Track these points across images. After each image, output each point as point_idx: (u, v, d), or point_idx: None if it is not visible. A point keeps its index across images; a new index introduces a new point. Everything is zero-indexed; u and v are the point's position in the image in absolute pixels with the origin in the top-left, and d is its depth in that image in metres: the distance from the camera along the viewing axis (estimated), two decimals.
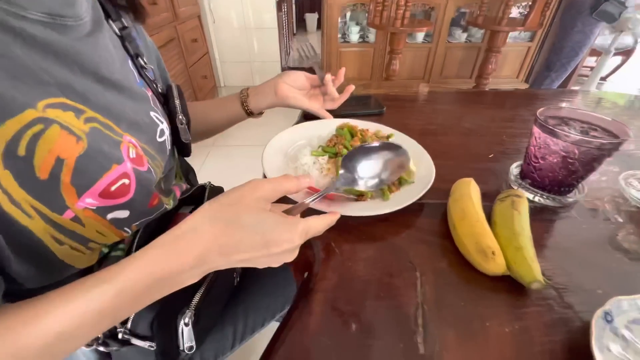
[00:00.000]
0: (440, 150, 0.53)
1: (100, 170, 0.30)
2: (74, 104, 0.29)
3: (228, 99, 0.59)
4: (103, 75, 0.33)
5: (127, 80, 0.37)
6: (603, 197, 0.46)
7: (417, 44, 2.61)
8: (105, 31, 0.36)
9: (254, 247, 0.26)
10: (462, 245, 0.34)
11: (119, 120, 0.33)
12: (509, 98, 0.82)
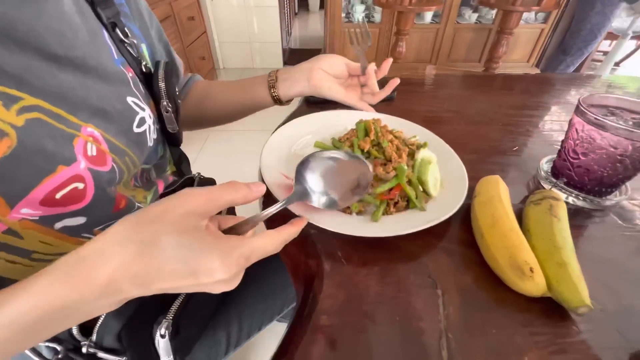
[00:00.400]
0: (458, 141, 0.47)
1: (38, 175, 0.24)
2: (3, 90, 0.22)
3: (253, 82, 0.51)
4: (55, 52, 0.26)
5: (97, 57, 0.31)
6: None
7: (425, 24, 2.49)
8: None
9: (177, 277, 0.20)
10: (492, 258, 0.29)
11: (76, 108, 0.27)
12: (527, 83, 0.75)
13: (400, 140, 0.38)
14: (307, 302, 0.28)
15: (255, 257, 0.22)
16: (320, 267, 0.30)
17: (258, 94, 0.50)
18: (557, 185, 0.39)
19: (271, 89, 0.49)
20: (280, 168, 0.38)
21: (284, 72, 0.50)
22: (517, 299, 0.28)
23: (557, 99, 0.66)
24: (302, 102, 0.59)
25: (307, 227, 0.33)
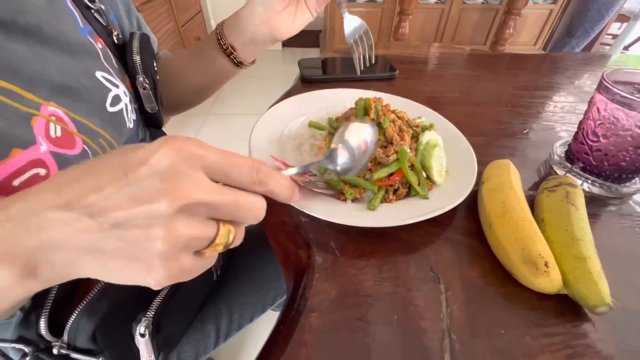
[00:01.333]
0: (466, 123, 0.43)
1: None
2: None
3: (208, 55, 0.42)
4: (5, 19, 0.22)
5: (56, 25, 0.27)
6: None
7: (430, 4, 2.39)
8: None
9: (108, 178, 0.15)
10: (501, 250, 0.26)
11: (32, 84, 0.24)
12: (537, 62, 0.71)
13: (403, 121, 0.35)
14: (296, 299, 0.25)
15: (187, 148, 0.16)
16: (311, 259, 0.27)
17: (217, 65, 0.42)
18: (572, 170, 0.35)
19: (233, 59, 0.41)
20: (272, 151, 0.35)
21: (239, 37, 0.39)
22: (528, 296, 0.25)
23: (571, 79, 0.62)
24: (297, 81, 0.55)
25: (297, 213, 0.31)
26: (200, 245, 0.16)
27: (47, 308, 0.26)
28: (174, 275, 0.16)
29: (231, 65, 0.42)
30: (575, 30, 1.94)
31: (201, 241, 0.16)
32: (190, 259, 0.16)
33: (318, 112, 0.41)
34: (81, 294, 0.28)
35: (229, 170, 0.17)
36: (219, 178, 0.17)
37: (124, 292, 0.29)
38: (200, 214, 0.16)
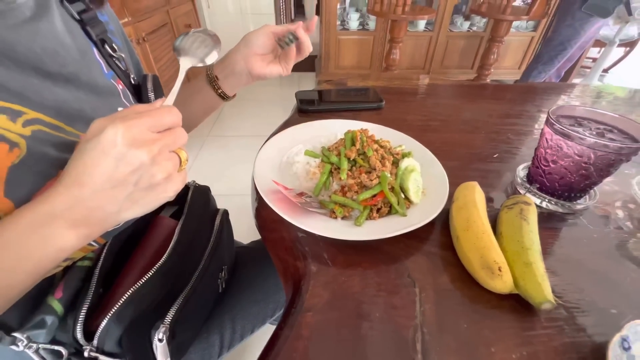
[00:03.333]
0: (443, 149, 0.50)
1: (42, 178, 0.26)
2: (8, 105, 0.25)
3: (197, 89, 0.50)
4: (49, 69, 0.28)
5: (88, 72, 0.33)
6: (615, 202, 0.43)
7: (419, 32, 2.54)
8: (55, 16, 0.31)
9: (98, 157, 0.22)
10: (466, 259, 0.31)
11: (72, 119, 0.29)
12: (514, 92, 0.79)
13: (385, 150, 0.41)
14: (295, 302, 0.30)
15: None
16: (307, 268, 0.32)
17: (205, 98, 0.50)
18: (530, 190, 0.41)
19: (217, 90, 0.49)
20: (273, 176, 0.40)
21: (222, 70, 0.48)
22: (488, 297, 0.30)
23: (539, 107, 0.69)
24: (295, 112, 0.62)
25: (295, 230, 0.36)
26: (177, 163, 0.26)
27: (82, 314, 0.30)
28: (178, 182, 0.26)
29: (215, 96, 0.50)
30: (542, 57, 2.08)
31: (176, 161, 0.26)
32: (182, 174, 0.27)
33: (312, 140, 0.47)
34: (110, 303, 0.32)
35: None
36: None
37: (146, 302, 0.33)
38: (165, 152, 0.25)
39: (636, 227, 0.39)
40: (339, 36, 2.49)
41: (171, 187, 0.25)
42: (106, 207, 0.24)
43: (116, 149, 0.22)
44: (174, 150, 0.26)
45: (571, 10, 1.86)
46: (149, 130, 0.23)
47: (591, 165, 0.35)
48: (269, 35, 0.46)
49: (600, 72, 3.05)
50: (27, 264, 0.23)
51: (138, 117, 0.23)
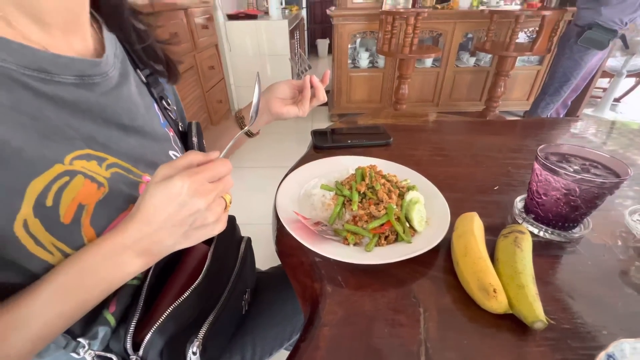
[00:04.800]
0: (447, 182, 0.55)
1: (117, 211, 0.33)
2: (96, 154, 0.32)
3: (227, 126, 0.60)
4: (125, 123, 0.36)
5: (150, 124, 0.40)
6: (610, 232, 0.46)
7: (426, 68, 2.67)
8: (131, 81, 0.39)
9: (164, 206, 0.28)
10: (465, 282, 0.35)
11: (137, 162, 0.36)
12: (517, 127, 0.84)
13: (391, 184, 0.46)
14: (313, 319, 0.34)
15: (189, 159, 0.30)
16: (323, 289, 0.37)
17: (233, 134, 0.59)
18: (527, 220, 0.45)
19: (242, 126, 0.58)
20: (293, 207, 0.46)
21: (248, 111, 0.58)
22: (486, 316, 0.33)
23: (539, 142, 0.74)
24: (311, 148, 0.68)
25: (312, 255, 0.41)
26: (224, 206, 0.32)
27: (132, 327, 0.35)
28: (221, 213, 0.31)
29: (242, 134, 0.57)
30: (548, 88, 2.14)
31: (223, 205, 0.32)
32: (226, 215, 0.33)
33: (327, 175, 0.53)
34: (153, 318, 0.37)
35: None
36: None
37: (184, 318, 0.38)
38: (217, 199, 0.30)
39: (630, 255, 0.42)
40: (350, 73, 2.64)
41: (218, 227, 0.32)
42: (165, 241, 0.30)
43: (181, 197, 0.28)
44: (222, 195, 0.31)
45: (569, 44, 1.95)
46: (207, 182, 0.29)
47: (578, 198, 0.39)
48: (290, 85, 0.55)
49: (612, 102, 3.07)
50: (103, 283, 0.29)
51: (200, 171, 0.29)
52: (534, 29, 2.49)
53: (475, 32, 2.57)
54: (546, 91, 2.14)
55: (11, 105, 0.26)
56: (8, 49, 0.27)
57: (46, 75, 0.29)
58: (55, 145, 0.29)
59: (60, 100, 0.30)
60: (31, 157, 0.27)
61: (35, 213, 0.27)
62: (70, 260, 0.28)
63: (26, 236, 0.27)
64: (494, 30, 2.21)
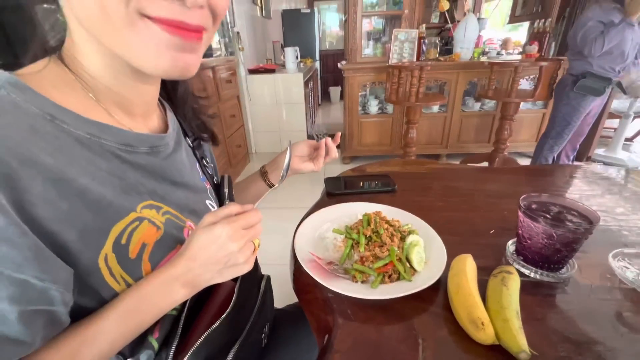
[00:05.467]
0: (447, 226, 0.61)
1: (169, 250, 0.41)
2: (156, 204, 0.41)
3: (253, 180, 0.70)
4: (176, 180, 0.46)
5: (193, 180, 0.50)
6: (596, 273, 0.50)
7: (433, 113, 2.81)
8: (183, 147, 0.50)
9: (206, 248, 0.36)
10: (458, 316, 0.40)
11: (183, 210, 0.45)
12: (515, 174, 0.90)
13: (394, 228, 0.53)
14: (326, 347, 0.40)
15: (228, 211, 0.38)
16: (335, 322, 0.43)
17: (258, 186, 0.69)
18: (517, 261, 0.50)
19: (266, 181, 0.69)
20: (309, 248, 0.53)
21: (271, 166, 0.68)
22: (478, 347, 0.38)
23: (536, 188, 0.80)
24: (324, 195, 0.77)
25: (325, 291, 0.47)
26: (253, 249, 0.39)
27: (172, 351, 0.42)
28: (249, 256, 0.39)
29: (265, 185, 0.69)
30: (550, 132, 2.20)
31: (252, 248, 0.39)
32: (254, 256, 0.40)
33: (338, 220, 0.60)
34: (189, 343, 0.43)
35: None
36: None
37: (215, 344, 0.44)
38: (248, 243, 0.38)
39: (613, 295, 0.46)
40: (361, 119, 2.81)
41: (246, 267, 0.39)
42: (204, 276, 0.38)
43: (220, 240, 0.36)
44: (252, 240, 0.39)
45: (565, 91, 2.05)
46: (241, 229, 0.37)
47: (556, 242, 0.45)
48: (307, 145, 0.66)
49: (624, 142, 3.09)
50: (155, 308, 0.37)
51: (236, 219, 0.37)
52: (534, 76, 2.63)
53: (479, 80, 2.73)
54: (548, 134, 2.21)
55: (107, 170, 0.36)
56: (109, 131, 0.37)
57: (130, 148, 0.39)
58: (131, 198, 0.38)
59: (136, 164, 0.40)
60: (116, 206, 0.36)
61: (113, 249, 0.35)
62: (132, 288, 0.36)
63: (105, 267, 0.35)
64: (496, 79, 2.35)
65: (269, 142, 3.31)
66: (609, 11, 1.81)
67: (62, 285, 0.30)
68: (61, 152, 0.32)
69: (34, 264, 0.28)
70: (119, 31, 0.31)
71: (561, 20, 2.78)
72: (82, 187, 0.32)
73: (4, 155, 0.27)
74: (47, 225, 0.29)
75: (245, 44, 3.04)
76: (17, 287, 0.27)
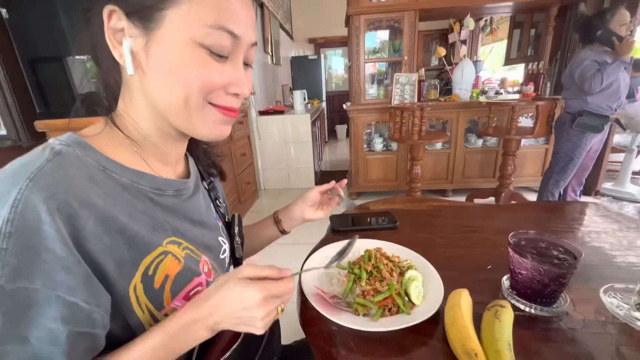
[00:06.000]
0: (445, 262, 0.64)
1: (186, 282, 0.46)
2: (178, 240, 0.46)
3: (266, 226, 0.76)
4: (194, 219, 0.52)
5: (208, 218, 0.56)
6: (589, 308, 0.52)
7: (437, 149, 2.89)
8: (200, 189, 0.57)
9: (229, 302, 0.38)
10: (453, 347, 0.43)
11: (199, 246, 0.50)
12: (511, 211, 0.94)
13: (394, 264, 0.57)
14: None
15: (273, 290, 0.39)
16: (339, 354, 0.46)
17: (271, 233, 0.76)
18: (511, 296, 0.53)
19: (279, 227, 0.75)
20: (314, 282, 0.57)
21: (284, 214, 0.74)
22: None
23: (535, 225, 0.83)
24: (329, 232, 0.81)
25: (330, 324, 0.50)
26: (274, 315, 0.40)
27: None
28: (269, 322, 0.40)
29: (278, 232, 0.75)
30: (553, 167, 2.23)
31: (275, 314, 0.40)
32: (272, 317, 0.40)
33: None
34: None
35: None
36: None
37: None
38: (273, 311, 0.40)
39: (604, 329, 0.48)
40: (367, 156, 2.90)
41: (262, 331, 0.40)
42: (222, 324, 0.40)
43: (248, 303, 0.38)
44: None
45: (565, 128, 2.10)
46: (272, 297, 0.39)
47: (544, 277, 0.48)
48: (318, 191, 0.74)
49: (632, 175, 3.09)
50: (178, 346, 0.40)
51: (271, 288, 0.39)
52: (533, 113, 2.72)
53: (479, 118, 2.83)
54: (553, 170, 2.23)
55: (141, 210, 0.42)
56: (145, 178, 0.44)
57: (160, 191, 0.46)
58: (159, 235, 0.44)
59: (164, 205, 0.46)
60: (147, 242, 0.41)
61: (142, 279, 0.40)
62: (160, 326, 0.40)
63: (134, 296, 0.40)
64: (495, 117, 2.45)
65: (277, 179, 3.41)
66: (600, 53, 1.92)
67: (103, 309, 0.35)
68: (109, 196, 0.38)
69: (84, 289, 0.33)
70: (190, 115, 0.41)
71: (554, 62, 2.94)
72: (122, 225, 0.39)
73: (70, 199, 0.34)
74: (95, 257, 0.35)
75: (256, 88, 3.26)
76: (68, 309, 0.32)
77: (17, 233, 0.30)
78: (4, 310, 0.29)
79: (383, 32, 3.44)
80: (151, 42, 0.38)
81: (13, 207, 0.30)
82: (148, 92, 0.41)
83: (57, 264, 0.32)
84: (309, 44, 6.14)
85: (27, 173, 0.32)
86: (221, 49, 0.40)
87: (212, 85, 0.41)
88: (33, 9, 1.34)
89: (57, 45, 1.37)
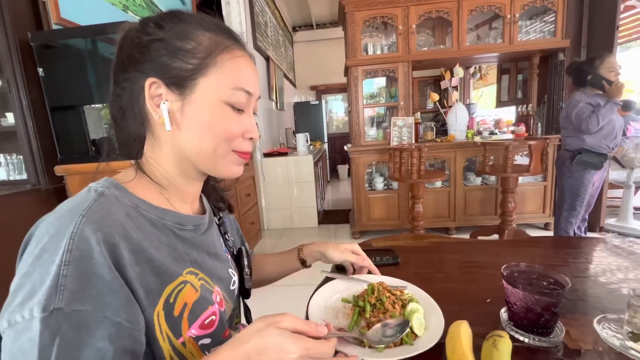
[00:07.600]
0: (446, 296, 0.67)
1: (202, 310, 0.49)
2: (195, 270, 0.51)
3: (290, 257, 0.80)
4: (210, 251, 0.57)
5: (220, 251, 0.61)
6: (586, 339, 0.54)
7: (437, 188, 2.96)
8: (214, 224, 0.62)
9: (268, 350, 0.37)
10: None
11: (212, 277, 0.55)
12: (510, 247, 0.97)
13: (396, 297, 0.60)
14: None
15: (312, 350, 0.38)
16: None
17: (293, 264, 0.80)
18: (509, 327, 0.56)
19: (304, 264, 0.79)
20: (321, 316, 0.60)
21: (308, 253, 0.79)
22: None
23: (533, 259, 0.87)
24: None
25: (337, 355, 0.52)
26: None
27: None
28: None
29: (299, 265, 0.79)
30: (561, 204, 2.26)
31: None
32: None
33: (347, 290, 0.68)
34: None
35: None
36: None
37: None
38: None
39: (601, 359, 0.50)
40: (368, 195, 2.96)
41: None
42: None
43: (287, 357, 0.36)
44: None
45: (565, 165, 2.18)
46: (310, 357, 0.38)
47: (537, 306, 0.51)
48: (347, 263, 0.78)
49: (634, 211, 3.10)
50: None
51: (312, 348, 0.38)
52: (527, 152, 2.82)
53: (476, 157, 2.94)
54: (562, 207, 2.26)
55: (166, 243, 0.48)
56: (169, 214, 0.50)
57: (181, 226, 0.52)
58: (180, 265, 0.48)
59: (185, 239, 0.52)
60: (170, 272, 0.46)
61: (163, 307, 0.44)
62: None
63: (157, 323, 0.43)
64: (491, 156, 2.55)
65: (280, 219, 3.45)
66: (592, 96, 2.05)
67: (140, 328, 0.39)
68: (140, 230, 0.44)
69: (126, 309, 0.38)
70: (216, 159, 0.50)
71: (542, 104, 3.11)
72: (151, 256, 0.44)
73: (113, 231, 0.39)
74: (130, 283, 0.40)
75: (261, 132, 3.44)
76: (114, 327, 0.36)
77: (75, 261, 0.35)
78: (62, 332, 0.34)
79: (380, 79, 3.70)
80: (186, 104, 0.46)
81: (71, 239, 0.36)
82: (180, 143, 0.49)
83: (105, 287, 0.36)
84: (310, 90, 6.54)
85: (80, 210, 0.39)
86: (240, 105, 0.50)
87: (235, 134, 0.50)
88: (65, 67, 1.50)
89: (80, 97, 1.53)
